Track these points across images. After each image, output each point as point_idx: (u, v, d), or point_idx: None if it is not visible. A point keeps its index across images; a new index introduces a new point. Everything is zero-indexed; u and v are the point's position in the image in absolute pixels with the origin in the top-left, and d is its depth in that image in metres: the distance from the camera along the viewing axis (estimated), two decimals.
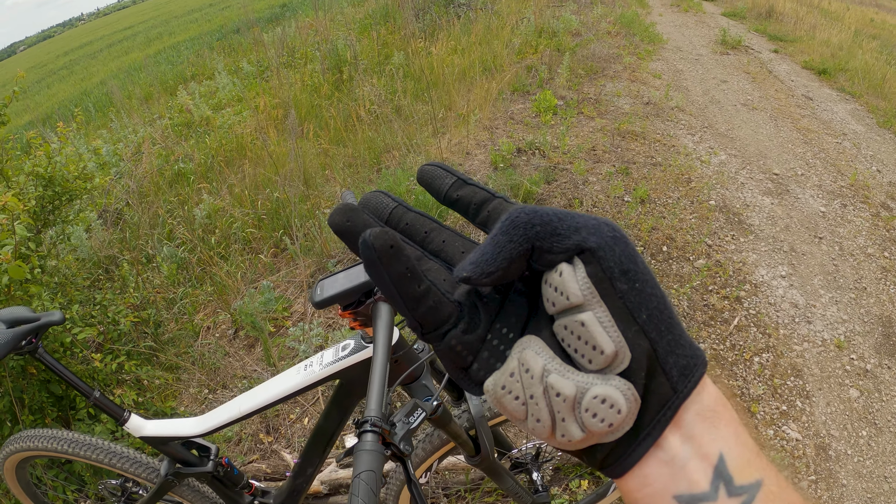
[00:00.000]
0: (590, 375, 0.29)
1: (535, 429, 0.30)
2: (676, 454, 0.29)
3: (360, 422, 0.78)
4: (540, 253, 0.30)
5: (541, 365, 0.29)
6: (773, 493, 0.29)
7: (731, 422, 0.30)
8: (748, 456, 0.29)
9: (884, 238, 3.86)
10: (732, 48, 8.17)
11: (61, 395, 2.22)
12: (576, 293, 0.29)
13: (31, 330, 1.32)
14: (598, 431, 0.29)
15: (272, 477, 2.11)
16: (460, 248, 0.35)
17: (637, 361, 0.29)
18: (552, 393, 0.29)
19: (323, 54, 6.67)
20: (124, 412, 1.38)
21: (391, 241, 0.30)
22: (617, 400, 0.28)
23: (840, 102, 6.44)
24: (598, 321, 0.28)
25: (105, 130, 6.67)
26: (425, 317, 0.31)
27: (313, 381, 1.09)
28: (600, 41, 7.48)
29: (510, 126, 4.83)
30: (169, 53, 11.72)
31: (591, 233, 0.29)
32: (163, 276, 3.35)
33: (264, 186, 4.02)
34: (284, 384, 1.13)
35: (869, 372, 2.77)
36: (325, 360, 1.09)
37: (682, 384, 0.30)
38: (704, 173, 4.41)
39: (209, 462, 1.41)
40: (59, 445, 1.50)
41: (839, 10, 12.55)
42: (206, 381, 2.68)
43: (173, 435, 1.34)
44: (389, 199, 0.36)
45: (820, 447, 2.39)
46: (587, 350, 0.29)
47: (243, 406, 1.20)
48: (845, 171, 4.72)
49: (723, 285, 3.24)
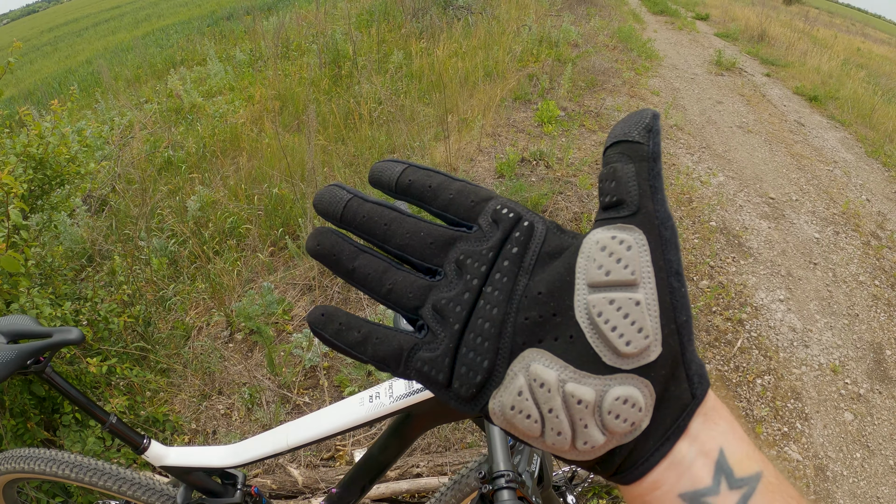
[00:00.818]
0: (605, 378, 0.28)
1: (555, 443, 0.29)
2: (684, 456, 0.29)
3: (494, 476, 0.70)
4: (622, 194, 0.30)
5: (555, 376, 0.28)
6: (772, 485, 0.29)
7: (728, 418, 0.31)
8: (746, 450, 0.30)
9: (874, 266, 3.94)
10: (727, 69, 8.26)
11: (44, 396, 2.05)
12: (640, 272, 0.28)
13: (41, 349, 1.13)
14: (620, 431, 0.28)
15: (278, 494, 2.01)
16: (427, 238, 0.33)
17: (663, 359, 0.29)
18: (573, 401, 0.28)
19: (320, 47, 6.55)
20: (143, 439, 1.24)
21: (321, 311, 0.33)
22: (637, 398, 0.28)
23: (830, 130, 6.55)
24: (649, 306, 0.28)
25: (90, 111, 6.45)
26: (377, 356, 0.32)
27: (382, 415, 0.99)
28: (599, 54, 7.50)
29: (513, 134, 4.79)
30: (158, 36, 11.44)
31: (666, 220, 0.29)
32: (152, 269, 3.16)
33: (261, 181, 3.90)
34: (346, 416, 1.02)
35: (862, 396, 2.84)
36: (395, 392, 0.98)
37: (700, 390, 0.30)
38: (705, 194, 4.43)
39: (236, 492, 1.27)
40: (57, 469, 1.33)
41: (828, 38, 12.84)
42: (201, 386, 2.55)
43: (200, 466, 1.21)
44: (344, 192, 0.34)
45: (819, 468, 2.45)
46: (629, 330, 0.28)
47: (293, 437, 1.08)
48: (837, 199, 4.80)
49: (726, 307, 3.27)
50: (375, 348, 0.32)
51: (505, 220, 0.32)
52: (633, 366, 0.28)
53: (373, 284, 0.33)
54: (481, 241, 0.32)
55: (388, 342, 0.32)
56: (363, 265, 0.33)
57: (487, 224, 0.32)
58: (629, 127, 0.31)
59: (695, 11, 14.28)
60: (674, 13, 13.09)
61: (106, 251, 3.29)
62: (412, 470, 2.02)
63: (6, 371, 1.08)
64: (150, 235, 3.42)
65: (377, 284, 0.33)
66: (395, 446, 1.09)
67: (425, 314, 0.32)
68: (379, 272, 0.33)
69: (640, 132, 0.31)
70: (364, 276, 0.33)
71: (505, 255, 0.31)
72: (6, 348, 1.10)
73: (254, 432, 2.35)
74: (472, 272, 0.31)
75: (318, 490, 2.04)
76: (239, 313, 2.78)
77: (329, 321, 0.33)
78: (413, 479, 2.00)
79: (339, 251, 0.33)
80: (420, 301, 0.32)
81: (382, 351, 0.32)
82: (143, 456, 1.23)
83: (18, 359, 1.10)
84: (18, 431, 1.95)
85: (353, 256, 0.33)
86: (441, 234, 0.33)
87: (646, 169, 0.30)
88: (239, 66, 7.11)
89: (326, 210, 0.34)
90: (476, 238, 0.32)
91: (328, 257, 0.33)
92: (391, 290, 0.32)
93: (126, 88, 7.33)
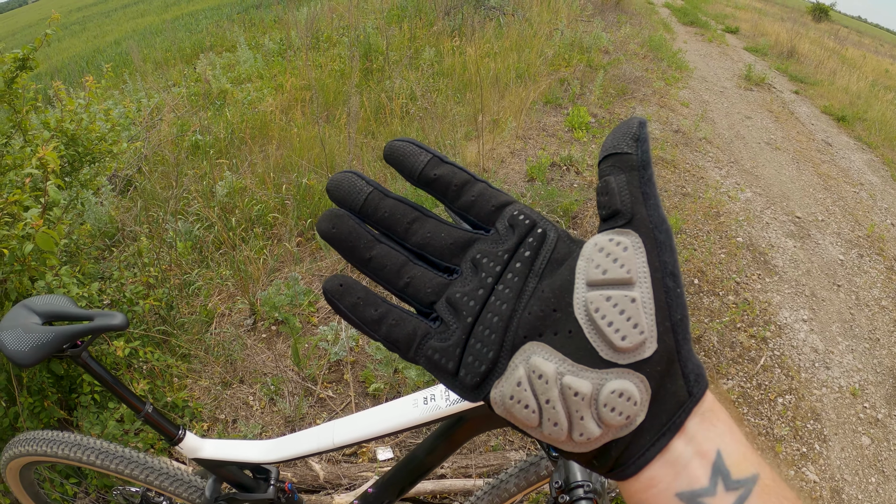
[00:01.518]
0: (601, 372, 0.29)
1: (551, 433, 0.30)
2: (680, 454, 0.30)
3: (573, 486, 0.70)
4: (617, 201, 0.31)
5: (553, 369, 0.30)
6: (768, 487, 0.29)
7: (726, 420, 0.31)
8: (743, 451, 0.30)
9: None
10: (756, 84, 8.19)
11: (62, 374, 2.03)
12: (635, 271, 0.30)
13: (80, 332, 1.06)
14: (615, 424, 0.29)
15: (298, 488, 2.00)
16: (447, 239, 0.34)
17: (658, 355, 0.30)
18: (570, 393, 0.29)
19: (351, 40, 6.55)
20: (179, 429, 1.19)
21: (340, 281, 0.33)
22: (632, 392, 0.29)
23: (857, 151, 6.49)
24: (644, 304, 0.29)
25: (117, 91, 6.48)
26: (390, 337, 0.32)
27: (437, 418, 0.97)
28: (630, 62, 7.46)
29: (543, 138, 4.77)
30: (187, 21, 11.49)
31: (660, 224, 0.31)
32: (177, 253, 3.16)
33: (289, 170, 3.90)
34: (399, 417, 1.00)
35: (879, 421, 2.83)
36: (452, 395, 0.96)
37: (697, 389, 0.31)
38: (732, 209, 4.40)
39: (269, 487, 1.23)
40: (82, 454, 1.27)
41: (857, 58, 12.71)
42: (222, 373, 2.55)
43: (237, 460, 1.18)
44: (364, 183, 0.34)
45: (834, 490, 2.45)
46: (625, 326, 0.29)
47: (339, 436, 1.05)
48: (862, 222, 4.76)
49: (750, 324, 3.25)
50: (390, 329, 0.33)
51: (521, 225, 0.33)
52: (628, 361, 0.29)
53: (390, 276, 0.34)
54: (498, 243, 0.33)
55: (404, 326, 0.33)
56: (381, 256, 0.34)
57: (504, 228, 0.33)
58: (618, 139, 0.33)
59: (725, 24, 14.16)
60: (704, 25, 13.01)
61: (131, 232, 3.30)
62: (437, 471, 2.01)
63: (41, 354, 1.02)
64: (177, 219, 3.43)
65: (395, 277, 0.34)
66: (443, 449, 1.07)
67: (440, 307, 0.33)
68: (397, 265, 0.34)
69: (628, 143, 0.32)
70: (381, 266, 0.34)
71: (518, 258, 0.33)
72: (42, 330, 1.05)
73: (275, 423, 2.35)
74: (487, 271, 0.33)
75: (339, 486, 2.04)
76: (265, 302, 2.78)
77: (346, 293, 0.33)
78: (437, 479, 1.99)
79: (356, 238, 0.34)
80: (436, 296, 0.33)
81: (396, 333, 0.33)
82: (177, 447, 1.18)
83: (55, 342, 1.04)
84: (35, 409, 1.93)
85: (370, 246, 0.34)
86: (461, 237, 0.34)
87: (636, 177, 0.31)
88: (268, 54, 7.13)
89: (344, 199, 0.34)
90: (493, 240, 0.33)
91: (344, 243, 0.34)
92: (409, 283, 0.34)
93: (154, 71, 7.37)
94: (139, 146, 4.31)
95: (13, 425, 1.89)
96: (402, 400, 1.02)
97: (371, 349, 2.53)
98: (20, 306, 1.11)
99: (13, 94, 2.17)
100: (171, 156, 4.09)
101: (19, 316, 1.09)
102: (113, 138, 2.63)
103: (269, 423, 2.34)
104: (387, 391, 2.40)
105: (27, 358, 1.02)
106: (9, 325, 1.06)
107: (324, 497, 1.97)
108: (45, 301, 1.13)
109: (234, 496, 1.25)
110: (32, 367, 1.86)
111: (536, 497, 2.00)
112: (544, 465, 1.21)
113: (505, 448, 2.22)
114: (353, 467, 2.09)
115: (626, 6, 12.40)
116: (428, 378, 2.39)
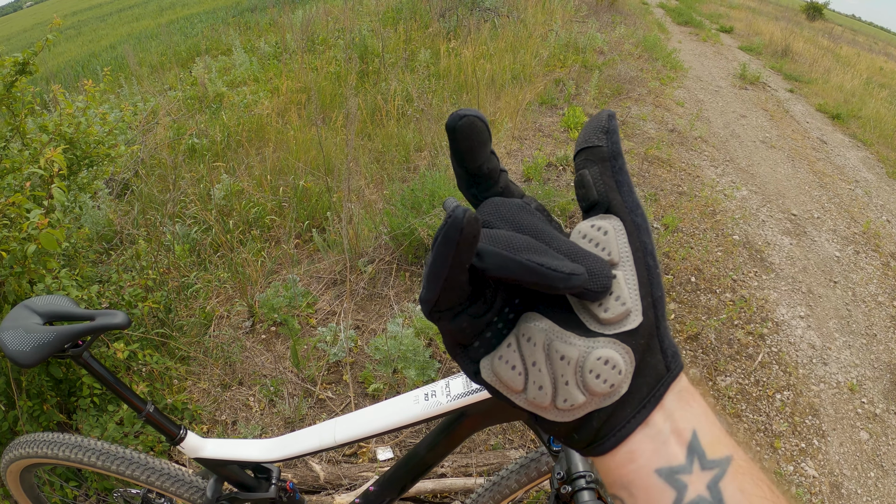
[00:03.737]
0: (590, 339, 0.30)
1: (535, 397, 0.31)
2: (660, 430, 0.31)
3: (574, 477, 0.70)
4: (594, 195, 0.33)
5: (542, 333, 0.31)
6: (741, 469, 0.31)
7: (700, 402, 0.33)
8: (717, 434, 0.31)
9: (893, 287, 3.95)
10: (751, 83, 8.22)
11: (61, 378, 2.02)
12: (617, 252, 0.31)
13: (82, 332, 1.05)
14: (599, 392, 0.30)
15: (299, 489, 2.00)
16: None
17: (643, 328, 0.31)
18: (556, 357, 0.30)
19: (346, 43, 6.55)
20: (180, 429, 1.18)
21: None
22: (617, 360, 0.30)
23: (852, 149, 6.51)
24: (627, 280, 0.31)
25: (113, 95, 6.47)
26: (443, 294, 0.31)
27: (438, 413, 0.97)
28: (625, 62, 7.48)
29: (539, 138, 4.78)
30: (182, 24, 11.48)
31: (635, 208, 0.33)
32: (174, 256, 3.15)
33: (286, 172, 3.90)
34: (400, 413, 0.99)
35: (878, 416, 2.85)
36: (453, 390, 0.96)
37: (674, 364, 0.32)
38: (728, 207, 4.41)
39: (270, 486, 1.23)
40: (83, 456, 1.26)
41: (851, 56, 12.76)
42: (221, 375, 2.55)
43: (238, 459, 1.17)
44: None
45: (834, 485, 2.46)
46: (610, 301, 0.31)
47: (341, 433, 1.05)
48: (858, 218, 4.78)
49: (747, 321, 3.26)
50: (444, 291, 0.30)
51: None
52: (614, 331, 0.31)
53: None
54: None
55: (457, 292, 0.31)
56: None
57: None
58: (589, 133, 0.34)
59: (719, 24, 14.22)
60: (698, 24, 13.05)
61: (129, 235, 3.30)
62: (437, 470, 2.02)
63: (42, 355, 1.01)
64: (174, 222, 3.42)
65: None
66: (444, 446, 1.07)
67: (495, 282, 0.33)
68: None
69: (598, 136, 0.33)
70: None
71: None
72: (43, 330, 1.04)
73: (275, 425, 2.34)
74: None
75: (339, 486, 2.04)
76: (263, 304, 2.78)
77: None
78: (438, 479, 2.00)
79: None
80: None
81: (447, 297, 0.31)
82: (178, 447, 1.18)
83: (57, 342, 1.02)
84: (34, 413, 1.92)
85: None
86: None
87: (608, 167, 0.33)
88: (264, 57, 7.13)
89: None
90: None
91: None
92: None
93: (150, 75, 7.36)
94: (136, 150, 4.31)
95: (12, 429, 1.89)
96: (403, 396, 1.02)
97: (370, 349, 2.54)
98: (21, 307, 1.10)
99: (12, 98, 2.18)
100: (168, 159, 4.08)
101: (20, 316, 1.08)
102: (110, 142, 2.63)
103: (269, 425, 2.34)
104: (386, 391, 2.41)
105: (28, 358, 1.01)
106: (10, 326, 1.05)
107: (325, 497, 1.97)
108: (45, 301, 1.12)
109: (235, 496, 1.24)
110: (32, 370, 1.87)
111: (536, 495, 2.01)
112: (545, 461, 1.22)
113: (505, 447, 2.22)
114: (354, 468, 2.09)
115: (621, 7, 12.44)
116: (426, 377, 2.39)
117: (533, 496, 2.00)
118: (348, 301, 2.90)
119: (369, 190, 3.87)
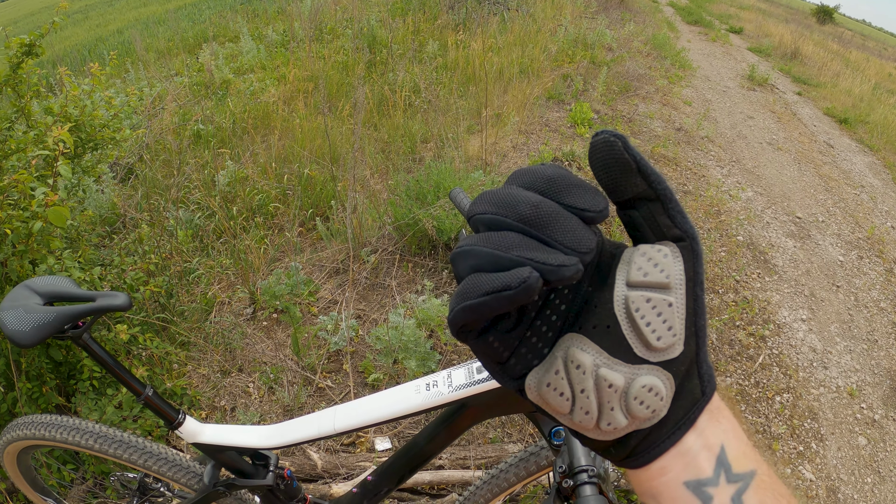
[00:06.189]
0: (634, 367, 0.31)
1: (581, 421, 0.32)
2: (690, 447, 0.33)
3: (576, 471, 0.69)
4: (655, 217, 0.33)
5: (591, 360, 0.31)
6: (765, 482, 0.33)
7: (730, 418, 0.34)
8: (744, 448, 0.33)
9: None
10: (759, 85, 8.19)
11: (61, 360, 2.01)
12: (675, 277, 0.32)
13: (82, 313, 1.03)
14: (641, 417, 0.32)
15: (296, 477, 2.00)
16: None
17: (683, 356, 0.32)
18: (604, 385, 0.31)
19: (354, 32, 6.52)
20: (178, 414, 1.16)
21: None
22: (660, 388, 0.31)
23: (859, 154, 6.49)
24: (678, 309, 0.31)
25: (119, 80, 6.45)
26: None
27: (439, 404, 0.96)
28: (633, 60, 7.45)
29: (545, 133, 4.76)
30: (190, 11, 11.40)
31: (695, 237, 0.33)
32: (177, 241, 3.14)
33: (291, 160, 3.89)
34: (401, 403, 0.99)
35: (876, 422, 2.85)
36: (454, 381, 0.96)
37: (709, 388, 0.33)
38: (733, 208, 4.40)
39: (268, 473, 1.22)
40: (80, 438, 1.25)
41: (860, 61, 12.69)
42: (221, 362, 2.54)
43: (236, 445, 1.16)
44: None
45: (830, 489, 2.46)
46: (660, 327, 0.31)
47: (341, 421, 1.04)
48: (863, 224, 4.76)
49: (749, 322, 3.25)
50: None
51: None
52: (658, 359, 0.32)
53: None
54: None
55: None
56: None
57: None
58: (617, 176, 0.32)
59: (729, 24, 14.15)
60: (708, 24, 13.00)
61: (132, 219, 3.29)
62: (434, 462, 2.01)
63: (42, 335, 1.00)
64: (178, 207, 3.41)
65: None
66: (444, 437, 1.07)
67: None
68: None
69: (632, 179, 0.32)
70: None
71: None
72: (42, 310, 1.03)
73: (274, 412, 2.34)
74: None
75: (337, 475, 2.04)
76: (265, 291, 2.78)
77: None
78: (435, 470, 1.99)
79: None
80: None
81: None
82: (176, 431, 1.17)
83: (57, 322, 1.01)
84: (33, 395, 1.92)
85: None
86: None
87: (660, 207, 0.33)
88: (271, 45, 7.10)
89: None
90: None
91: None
92: None
93: (156, 60, 7.34)
94: (141, 134, 4.29)
95: (11, 411, 1.88)
96: (404, 386, 1.01)
97: (371, 339, 2.53)
98: (21, 287, 1.09)
99: (18, 80, 2.17)
100: (173, 144, 4.07)
101: (20, 296, 1.07)
102: (116, 126, 2.62)
103: (268, 412, 2.34)
104: (386, 381, 2.40)
105: (28, 338, 1.00)
106: (10, 306, 1.04)
107: (322, 486, 1.97)
108: (46, 282, 1.10)
109: (232, 482, 1.23)
110: (31, 352, 1.87)
111: (533, 490, 2.00)
112: (544, 456, 1.21)
113: (503, 440, 2.22)
114: (351, 457, 2.09)
115: (631, 4, 12.37)
116: (427, 369, 2.39)
117: (530, 490, 2.00)
118: (350, 290, 2.89)
119: (374, 180, 3.86)
